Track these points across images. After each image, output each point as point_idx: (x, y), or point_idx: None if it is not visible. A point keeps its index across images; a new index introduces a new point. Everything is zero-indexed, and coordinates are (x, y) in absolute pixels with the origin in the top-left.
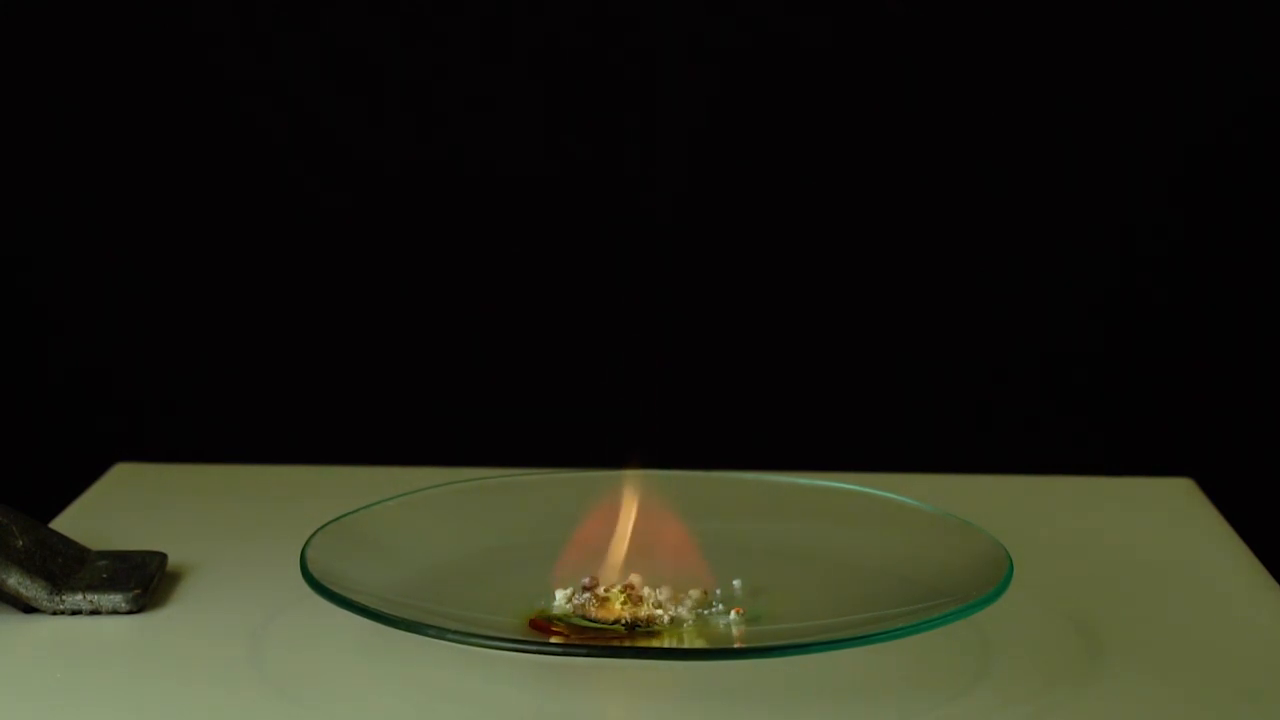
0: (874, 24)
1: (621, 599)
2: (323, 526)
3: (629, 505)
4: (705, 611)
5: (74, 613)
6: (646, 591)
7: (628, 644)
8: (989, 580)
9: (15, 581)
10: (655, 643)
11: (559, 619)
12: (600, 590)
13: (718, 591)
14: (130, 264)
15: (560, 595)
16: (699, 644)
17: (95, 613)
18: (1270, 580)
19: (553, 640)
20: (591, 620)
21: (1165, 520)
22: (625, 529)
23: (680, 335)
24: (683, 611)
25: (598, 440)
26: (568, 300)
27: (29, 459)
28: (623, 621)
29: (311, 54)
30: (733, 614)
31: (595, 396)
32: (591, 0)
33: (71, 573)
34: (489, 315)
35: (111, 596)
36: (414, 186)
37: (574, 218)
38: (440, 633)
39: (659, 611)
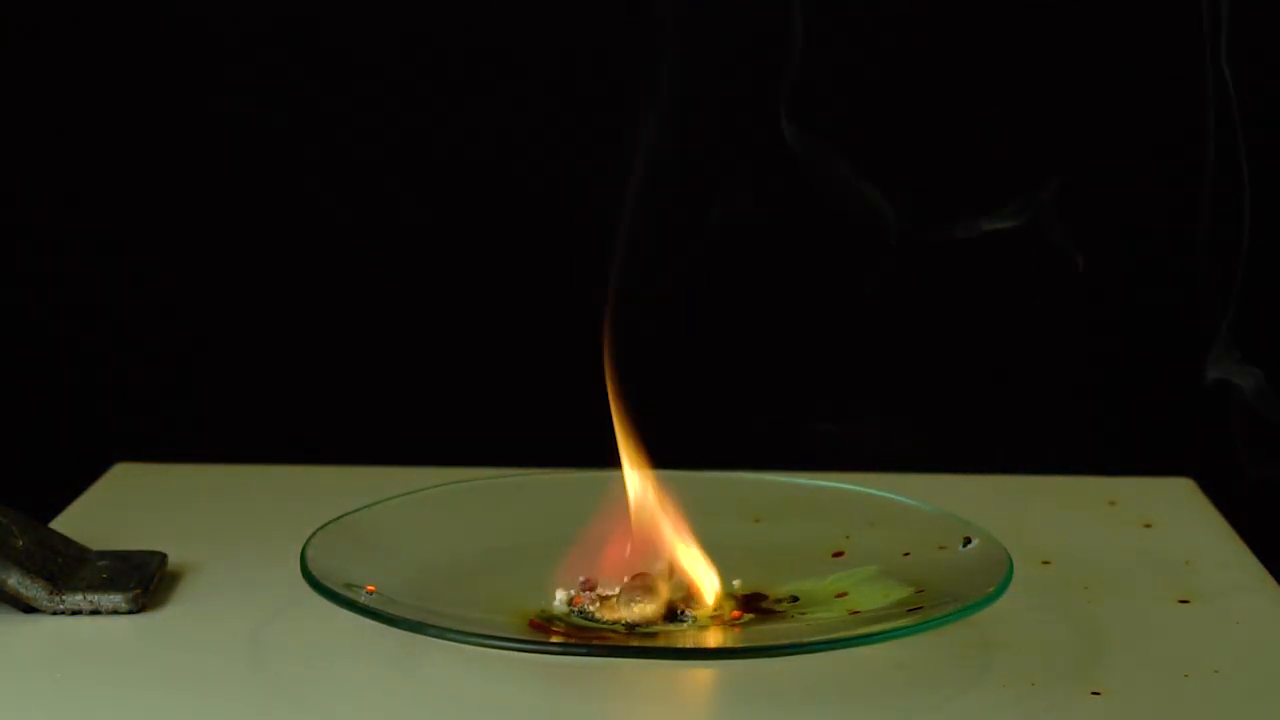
0: (872, 24)
1: (639, 598)
2: (323, 526)
3: (632, 505)
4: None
5: (74, 613)
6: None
7: (628, 644)
8: (989, 580)
9: (15, 581)
10: (655, 643)
11: (559, 619)
12: (601, 590)
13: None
14: (130, 264)
15: (560, 595)
16: (699, 644)
17: (95, 613)
18: (1270, 580)
19: (553, 640)
20: (592, 620)
21: (1165, 520)
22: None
23: (681, 334)
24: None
25: (597, 440)
26: (569, 299)
27: (29, 459)
28: (622, 622)
29: (312, 52)
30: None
31: (596, 397)
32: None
33: (71, 573)
34: (490, 315)
35: (111, 596)
36: (414, 186)
37: (575, 217)
38: (440, 633)
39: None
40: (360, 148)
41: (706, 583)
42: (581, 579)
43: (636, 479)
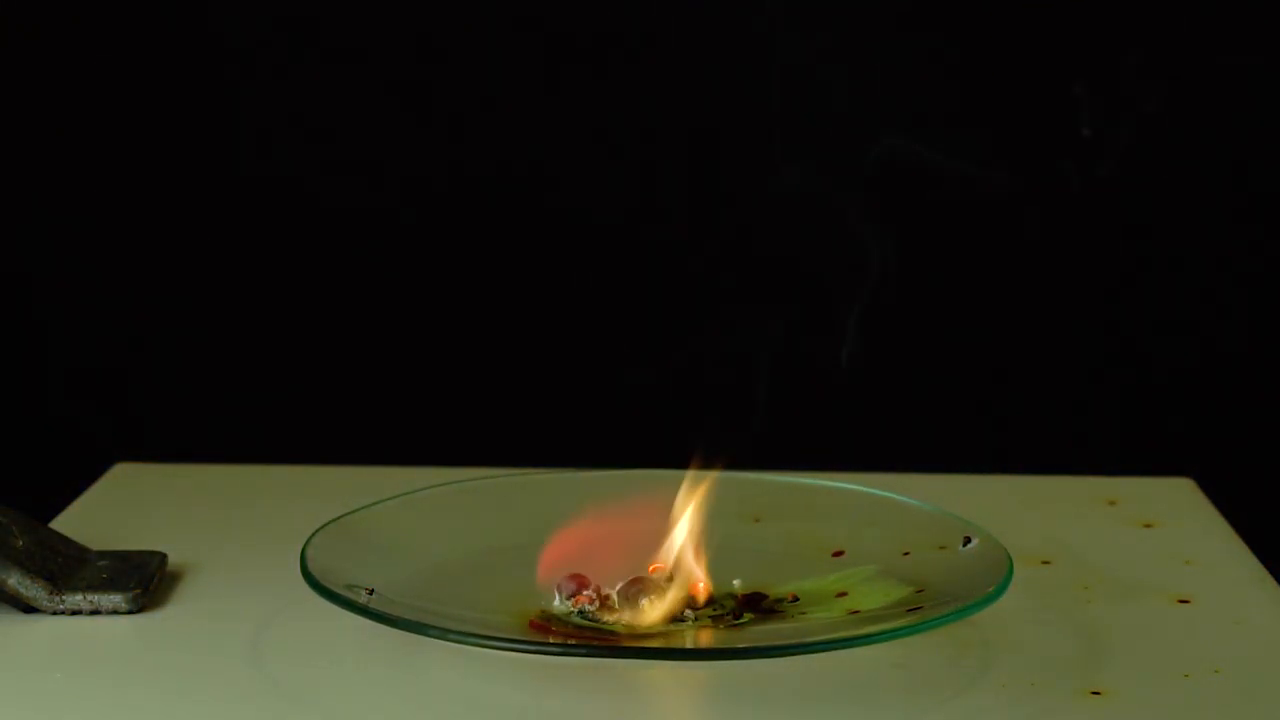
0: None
1: (639, 598)
2: (323, 526)
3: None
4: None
5: (74, 613)
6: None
7: (627, 644)
8: (989, 580)
9: (15, 581)
10: (655, 643)
11: (559, 619)
12: (601, 590)
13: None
14: (130, 264)
15: (560, 595)
16: (699, 644)
17: (95, 613)
18: (1270, 580)
19: (553, 640)
20: (592, 620)
21: (1165, 520)
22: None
23: (680, 335)
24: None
25: (598, 440)
26: (568, 299)
27: (29, 459)
28: (622, 622)
29: (315, 54)
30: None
31: (596, 396)
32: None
33: (71, 573)
34: (489, 315)
35: (111, 596)
36: (414, 186)
37: (574, 217)
38: (441, 633)
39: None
40: (360, 149)
41: (700, 583)
42: (558, 583)
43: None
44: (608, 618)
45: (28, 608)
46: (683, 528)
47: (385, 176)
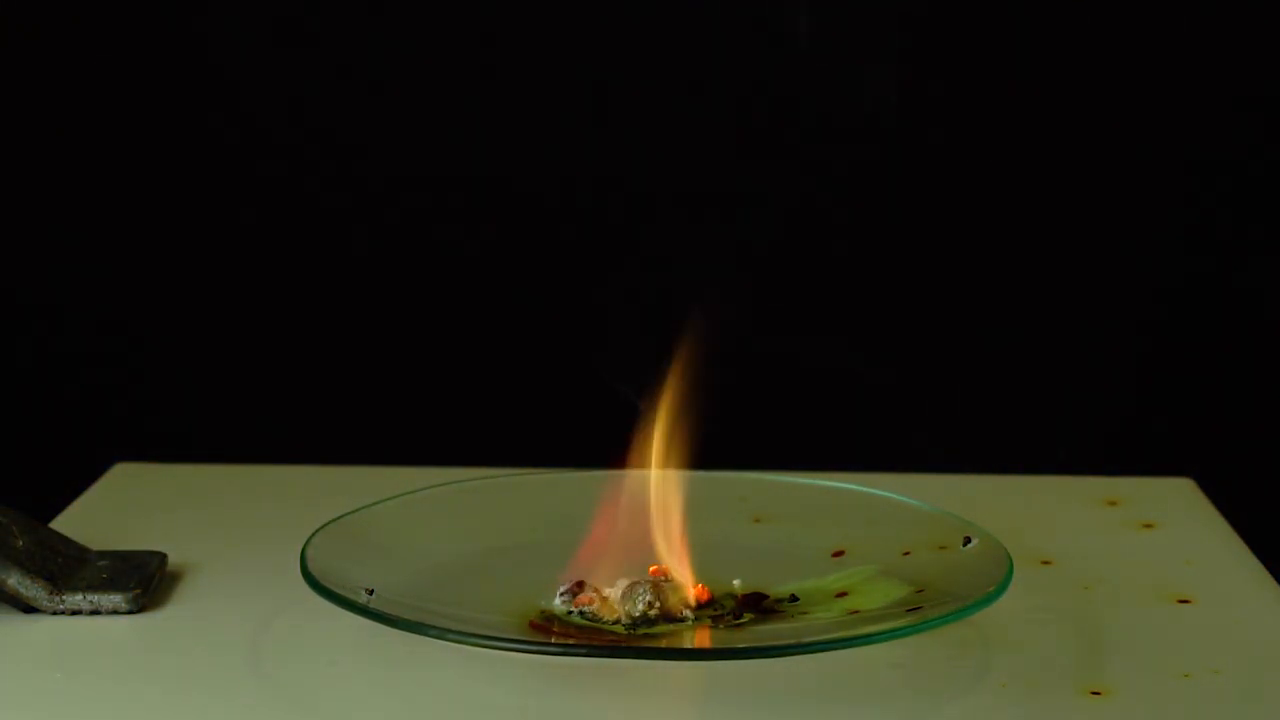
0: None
1: (639, 598)
2: (323, 526)
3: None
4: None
5: (74, 613)
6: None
7: (627, 644)
8: (989, 580)
9: (15, 581)
10: (655, 643)
11: (559, 619)
12: (602, 591)
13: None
14: (130, 264)
15: (560, 595)
16: (699, 644)
17: (95, 613)
18: (1270, 580)
19: (553, 640)
20: (592, 620)
21: (1165, 520)
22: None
23: (680, 335)
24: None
25: (597, 440)
26: (569, 299)
27: (29, 459)
28: (620, 621)
29: (316, 54)
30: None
31: (595, 396)
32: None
33: (71, 573)
34: (489, 315)
35: (111, 596)
36: (414, 186)
37: (574, 218)
38: (441, 633)
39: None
40: (358, 149)
41: (687, 584)
42: (562, 587)
43: (656, 477)
44: (608, 617)
45: (28, 608)
46: (661, 530)
47: (386, 177)
